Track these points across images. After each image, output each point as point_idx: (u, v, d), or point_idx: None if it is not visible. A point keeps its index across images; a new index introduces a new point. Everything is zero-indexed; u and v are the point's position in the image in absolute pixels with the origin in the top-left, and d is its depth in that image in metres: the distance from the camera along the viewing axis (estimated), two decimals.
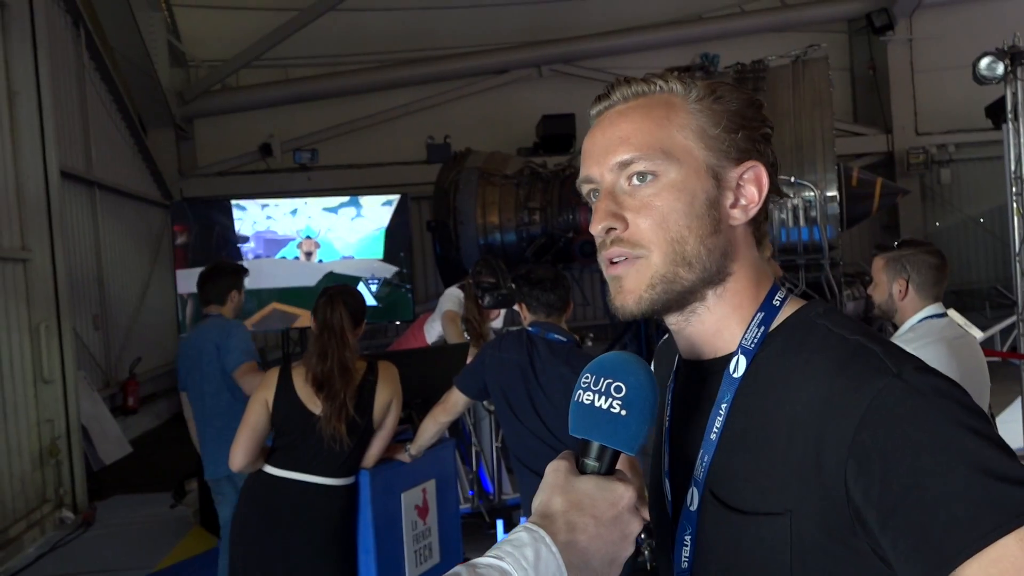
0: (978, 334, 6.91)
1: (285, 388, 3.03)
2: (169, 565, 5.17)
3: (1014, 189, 7.20)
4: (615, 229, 0.96)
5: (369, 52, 12.78)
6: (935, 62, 12.93)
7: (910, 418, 0.80)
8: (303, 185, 11.96)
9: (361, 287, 9.49)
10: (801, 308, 0.98)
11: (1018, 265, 7.25)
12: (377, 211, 10.06)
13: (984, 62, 7.00)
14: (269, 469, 3.02)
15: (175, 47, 12.27)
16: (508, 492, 5.46)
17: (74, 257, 8.15)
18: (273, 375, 3.08)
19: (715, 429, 0.96)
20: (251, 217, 9.78)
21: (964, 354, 2.65)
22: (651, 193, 0.95)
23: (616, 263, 0.97)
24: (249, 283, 4.37)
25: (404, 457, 3.34)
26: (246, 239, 9.70)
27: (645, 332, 8.56)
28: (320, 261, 9.83)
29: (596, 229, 0.97)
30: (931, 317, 2.83)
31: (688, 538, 0.98)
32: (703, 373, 1.01)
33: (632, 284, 0.96)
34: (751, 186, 0.99)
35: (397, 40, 12.76)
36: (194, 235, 9.74)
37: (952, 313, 3.62)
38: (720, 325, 0.99)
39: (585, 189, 1.02)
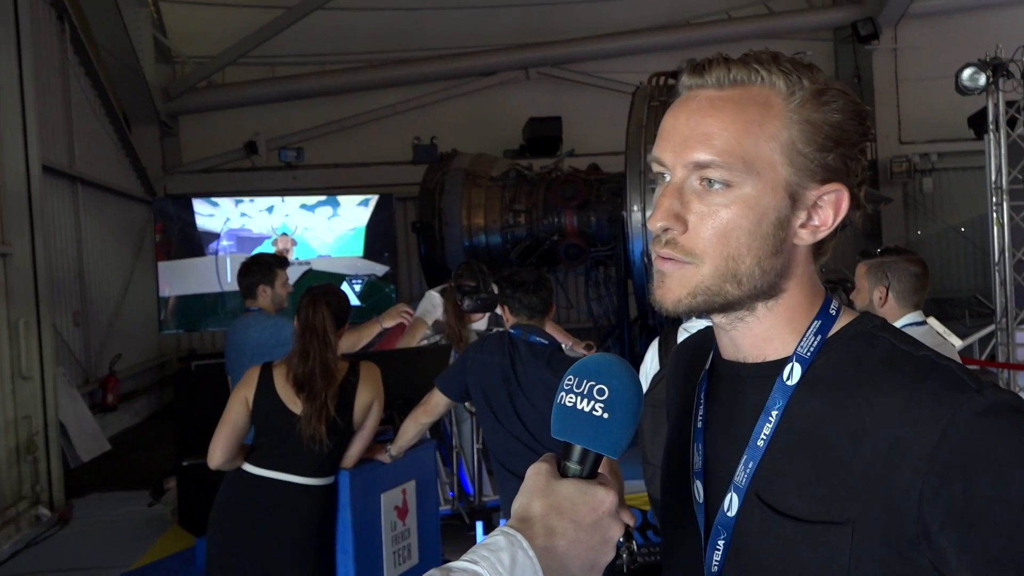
0: (957, 342, 6.98)
1: (266, 387, 3.01)
2: (146, 564, 5.13)
3: (994, 199, 7.28)
4: (672, 230, 0.92)
5: (357, 51, 12.75)
6: (919, 72, 13.03)
7: (993, 434, 0.79)
8: (288, 183, 11.91)
9: (345, 287, 9.46)
10: (858, 319, 0.96)
11: (997, 275, 7.32)
12: (354, 211, 10.04)
13: (966, 73, 7.09)
14: (248, 467, 3.00)
15: (161, 43, 12.19)
16: (488, 494, 5.45)
17: (55, 252, 8.09)
18: (254, 373, 3.06)
19: (763, 436, 0.93)
20: (224, 214, 9.70)
21: None
22: (720, 203, 0.90)
23: (665, 259, 0.94)
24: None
25: (384, 458, 3.33)
26: (216, 236, 9.62)
27: (628, 336, 8.58)
28: (296, 259, 9.78)
29: (654, 227, 0.93)
30: (911, 325, 2.86)
31: (722, 542, 0.96)
32: (746, 376, 0.98)
33: (674, 285, 0.93)
34: (828, 209, 0.93)
35: (385, 40, 12.73)
36: (166, 231, 9.67)
37: (932, 321, 3.66)
38: (771, 333, 0.96)
39: (655, 168, 0.96)
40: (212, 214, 9.71)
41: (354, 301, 9.52)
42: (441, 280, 6.41)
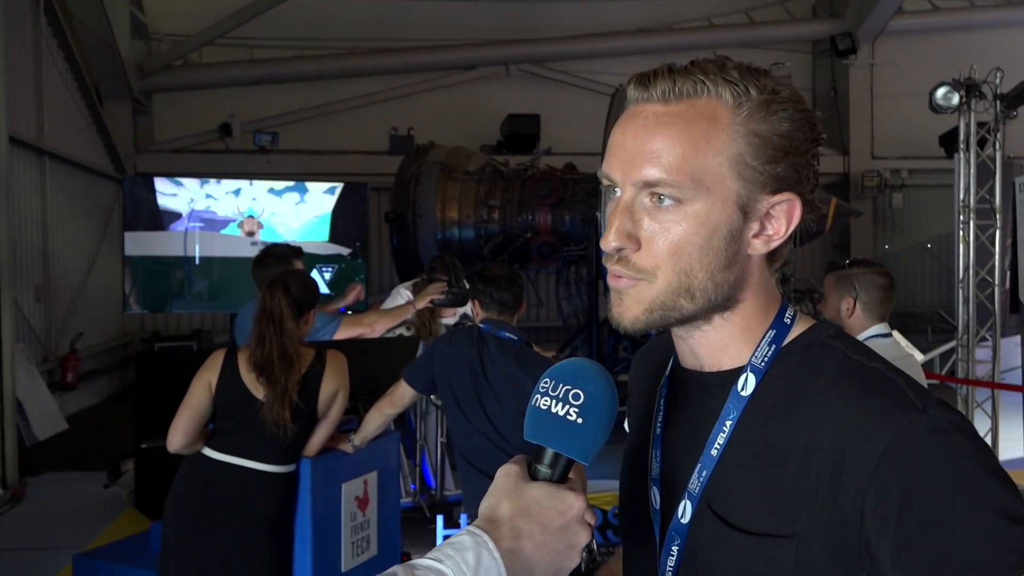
0: (919, 357, 7.08)
1: (230, 371, 2.98)
2: (99, 546, 5.05)
3: (962, 217, 7.39)
4: (625, 249, 0.92)
5: (337, 38, 12.65)
6: (894, 88, 13.21)
7: (933, 455, 0.80)
8: (262, 168, 11.79)
9: (315, 274, 9.36)
10: (812, 328, 0.97)
11: (961, 292, 7.44)
12: (320, 198, 9.97)
13: (940, 92, 7.17)
14: (208, 452, 2.96)
15: (137, 18, 11.99)
16: (450, 488, 5.45)
17: (19, 226, 7.94)
18: (218, 357, 3.03)
19: (716, 445, 0.94)
20: (188, 194, 9.54)
21: None
22: (671, 219, 0.90)
23: (619, 277, 0.94)
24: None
25: (347, 447, 3.31)
26: (179, 216, 9.45)
27: (596, 336, 8.61)
28: (262, 242, 9.64)
29: (607, 247, 0.92)
30: (876, 337, 2.90)
31: (675, 549, 0.96)
32: (703, 385, 0.99)
33: (631, 303, 0.93)
34: (781, 218, 0.93)
35: (366, 28, 12.65)
36: (134, 209, 9.46)
37: (896, 335, 3.70)
38: (727, 343, 0.97)
39: (605, 182, 0.96)
40: (175, 193, 9.52)
41: (324, 289, 9.44)
42: (412, 271, 6.38)
